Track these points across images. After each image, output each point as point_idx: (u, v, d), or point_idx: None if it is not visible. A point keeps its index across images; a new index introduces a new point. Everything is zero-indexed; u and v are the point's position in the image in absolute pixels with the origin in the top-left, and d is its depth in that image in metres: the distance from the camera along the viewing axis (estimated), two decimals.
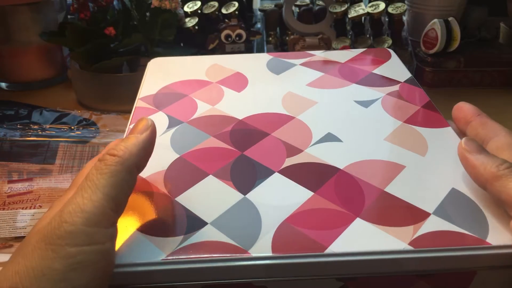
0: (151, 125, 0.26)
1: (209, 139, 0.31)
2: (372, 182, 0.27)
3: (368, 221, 0.24)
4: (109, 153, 0.23)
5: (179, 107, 0.35)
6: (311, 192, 0.26)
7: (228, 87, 0.37)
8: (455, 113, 0.31)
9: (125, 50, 0.62)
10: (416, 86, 0.37)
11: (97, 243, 0.21)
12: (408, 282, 0.24)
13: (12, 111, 0.59)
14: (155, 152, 0.29)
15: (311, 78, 0.38)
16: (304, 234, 0.23)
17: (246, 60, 0.42)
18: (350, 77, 0.38)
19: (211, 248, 0.23)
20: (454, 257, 0.22)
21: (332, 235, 0.23)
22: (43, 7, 0.65)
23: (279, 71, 0.40)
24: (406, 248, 0.22)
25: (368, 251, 0.22)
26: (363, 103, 0.35)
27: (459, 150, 0.26)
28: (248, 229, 0.24)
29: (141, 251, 0.23)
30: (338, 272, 0.23)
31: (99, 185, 0.22)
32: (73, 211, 0.21)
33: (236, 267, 0.22)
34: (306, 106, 0.34)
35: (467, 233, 0.23)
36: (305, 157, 0.29)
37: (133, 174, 0.23)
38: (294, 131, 0.32)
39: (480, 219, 0.24)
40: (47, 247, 0.20)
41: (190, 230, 0.24)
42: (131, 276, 0.22)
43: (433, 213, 0.24)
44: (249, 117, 0.33)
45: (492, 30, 0.75)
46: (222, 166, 0.28)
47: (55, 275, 0.19)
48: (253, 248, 0.23)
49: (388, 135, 0.31)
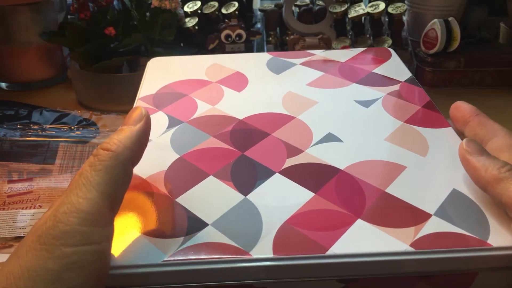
0: (145, 114, 0.25)
1: (209, 139, 0.31)
2: (372, 183, 0.27)
3: (369, 222, 0.24)
4: (102, 147, 0.22)
5: (179, 107, 0.34)
6: (312, 193, 0.26)
7: (228, 87, 0.37)
8: (453, 113, 0.31)
9: (125, 50, 0.62)
10: (417, 85, 0.37)
11: (92, 243, 0.20)
12: (409, 284, 0.24)
13: (12, 111, 0.59)
14: (155, 152, 0.29)
15: (311, 77, 0.38)
16: (305, 236, 0.23)
17: (246, 59, 0.42)
18: (350, 77, 0.38)
19: (212, 249, 0.23)
20: (455, 259, 0.22)
21: (333, 236, 0.23)
22: (43, 7, 0.65)
23: (279, 70, 0.40)
24: (408, 249, 0.22)
25: (370, 252, 0.22)
26: (363, 103, 0.35)
27: (460, 151, 0.26)
28: (249, 230, 0.24)
29: (142, 253, 0.22)
30: (339, 273, 0.23)
31: (93, 183, 0.21)
32: (68, 211, 0.20)
33: (238, 268, 0.22)
34: (307, 106, 0.34)
35: (468, 234, 0.23)
36: (306, 158, 0.29)
37: (128, 169, 0.23)
38: (294, 131, 0.31)
39: (481, 220, 0.24)
40: (41, 247, 0.20)
41: (190, 232, 0.24)
42: (131, 278, 0.22)
43: (434, 214, 0.24)
44: (249, 117, 0.33)
45: (492, 30, 0.75)
46: (223, 166, 0.28)
47: (50, 276, 0.19)
48: (254, 249, 0.22)
49: (389, 135, 0.31)
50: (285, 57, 0.42)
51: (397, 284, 0.24)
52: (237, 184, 0.27)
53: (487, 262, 0.23)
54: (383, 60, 0.41)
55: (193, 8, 0.72)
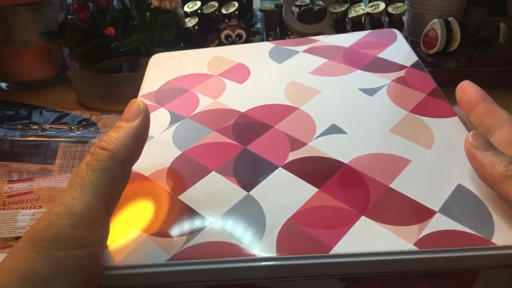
0: (144, 109, 0.24)
1: (211, 134, 0.30)
2: (377, 178, 0.26)
3: (373, 220, 0.24)
4: (99, 146, 0.22)
5: (181, 103, 0.34)
6: (316, 189, 0.26)
7: (230, 79, 0.36)
8: (459, 95, 0.29)
9: (125, 50, 0.62)
10: (422, 70, 0.36)
11: (85, 247, 0.20)
12: (412, 282, 0.24)
13: (12, 111, 0.59)
14: (157, 149, 0.29)
15: (314, 65, 0.37)
16: (308, 234, 0.23)
17: (248, 50, 0.41)
18: (354, 63, 0.37)
19: (216, 249, 0.22)
20: (459, 258, 0.22)
21: (337, 234, 0.23)
22: (43, 7, 0.65)
23: (282, 59, 0.39)
24: (412, 249, 0.22)
25: (373, 252, 0.22)
26: (367, 91, 0.34)
27: (465, 145, 0.25)
28: (252, 228, 0.23)
29: (145, 252, 0.22)
30: (342, 272, 0.23)
31: (89, 183, 0.20)
32: (61, 212, 0.19)
33: (241, 268, 0.22)
34: (310, 95, 0.33)
35: (472, 233, 0.23)
36: (309, 151, 0.28)
37: (126, 168, 0.22)
38: (297, 123, 0.31)
39: (486, 217, 0.24)
40: (32, 249, 0.19)
41: (193, 230, 0.23)
42: (134, 278, 0.22)
43: (438, 211, 0.24)
44: (251, 109, 0.32)
45: (492, 30, 0.75)
46: (225, 161, 0.28)
47: (39, 279, 0.19)
48: (258, 248, 0.22)
49: (393, 127, 0.30)
50: (288, 45, 0.41)
51: (399, 283, 0.24)
52: (240, 180, 0.26)
53: (491, 261, 0.22)
54: (388, 43, 0.40)
55: (193, 8, 0.72)
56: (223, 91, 0.35)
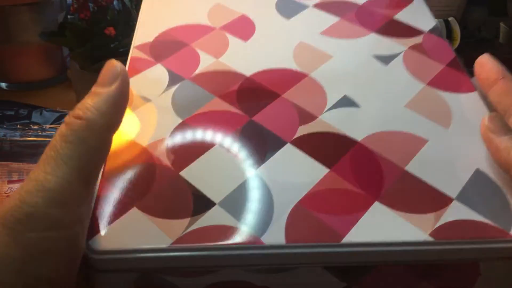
0: (121, 71, 0.21)
1: (214, 99, 0.28)
2: (391, 159, 0.24)
3: (387, 206, 0.22)
4: (74, 115, 0.19)
5: (180, 59, 0.31)
6: (326, 169, 0.24)
7: (233, 35, 0.33)
8: (477, 71, 0.28)
9: (125, 50, 0.62)
10: (441, 37, 0.33)
11: (62, 228, 0.17)
12: (412, 284, 0.23)
13: (12, 111, 0.59)
14: (155, 115, 0.27)
15: (325, 24, 0.34)
16: (319, 220, 0.22)
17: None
18: (368, 24, 0.34)
19: (221, 233, 0.21)
20: (474, 249, 0.21)
21: (349, 221, 0.21)
22: (43, 7, 0.65)
23: (290, 14, 0.35)
24: (427, 239, 0.21)
25: (386, 242, 0.21)
26: (382, 58, 0.31)
27: (482, 128, 0.24)
28: (259, 212, 0.22)
29: (146, 235, 0.21)
30: (353, 261, 0.22)
31: (64, 156, 0.18)
32: (33, 189, 0.17)
33: (247, 255, 0.21)
34: (320, 61, 0.31)
35: (489, 223, 0.22)
36: (319, 126, 0.26)
37: (105, 138, 0.20)
38: (307, 93, 0.28)
39: (504, 206, 0.22)
40: (4, 231, 0.17)
41: (197, 212, 0.22)
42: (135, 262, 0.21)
43: (455, 198, 0.23)
44: (257, 73, 0.30)
45: (492, 30, 0.75)
46: (230, 134, 0.26)
47: (16, 265, 0.17)
48: (265, 235, 0.21)
49: (409, 101, 0.28)
50: None
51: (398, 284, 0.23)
52: (245, 156, 0.24)
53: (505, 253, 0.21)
54: (406, 2, 0.37)
55: None
56: (226, 49, 0.32)
